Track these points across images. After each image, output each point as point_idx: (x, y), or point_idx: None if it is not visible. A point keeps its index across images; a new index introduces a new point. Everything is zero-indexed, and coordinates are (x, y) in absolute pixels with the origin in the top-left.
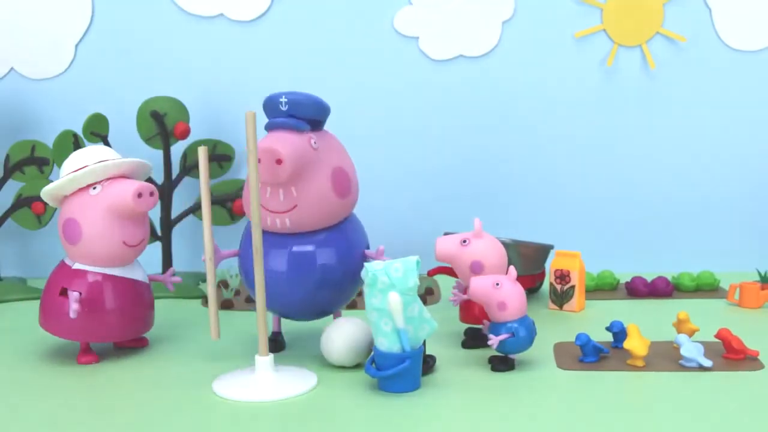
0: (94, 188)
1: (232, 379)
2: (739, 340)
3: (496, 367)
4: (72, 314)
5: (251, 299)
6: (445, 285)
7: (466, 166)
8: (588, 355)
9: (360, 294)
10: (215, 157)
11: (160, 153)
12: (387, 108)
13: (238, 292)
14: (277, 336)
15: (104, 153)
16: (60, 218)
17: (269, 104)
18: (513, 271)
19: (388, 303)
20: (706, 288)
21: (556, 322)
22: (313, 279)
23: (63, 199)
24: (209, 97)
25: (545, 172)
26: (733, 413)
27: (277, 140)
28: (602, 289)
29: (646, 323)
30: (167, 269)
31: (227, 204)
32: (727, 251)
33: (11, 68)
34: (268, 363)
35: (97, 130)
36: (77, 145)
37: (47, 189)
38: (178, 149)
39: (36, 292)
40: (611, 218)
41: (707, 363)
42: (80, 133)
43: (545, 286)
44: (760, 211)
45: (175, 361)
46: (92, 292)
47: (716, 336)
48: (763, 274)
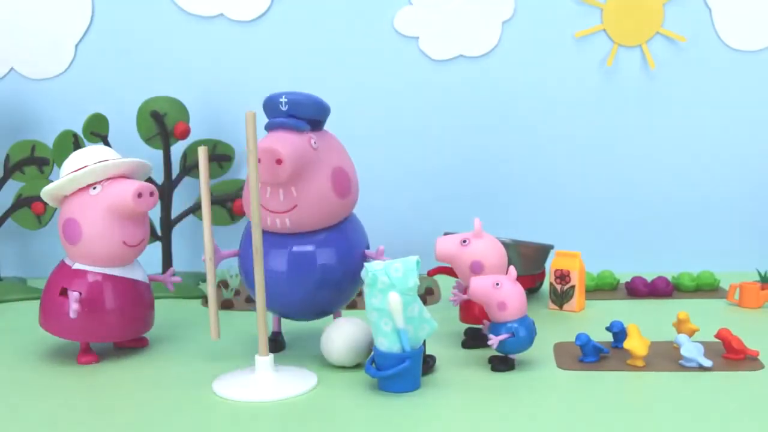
0: (94, 188)
1: (232, 379)
2: (739, 340)
3: (496, 367)
4: (72, 314)
5: (251, 299)
6: (445, 285)
7: (466, 166)
8: (588, 355)
9: (360, 294)
10: (215, 157)
11: (160, 153)
12: (387, 108)
13: (238, 292)
14: (277, 336)
15: (104, 153)
16: (60, 218)
17: (269, 104)
18: (513, 271)
19: (388, 303)
20: (706, 288)
21: (556, 322)
22: (313, 279)
23: (63, 199)
24: (209, 97)
25: (545, 172)
26: (733, 413)
27: (277, 140)
28: (602, 289)
29: (646, 323)
30: (167, 269)
31: (227, 204)
32: (727, 251)
33: (11, 68)
34: (268, 363)
35: (97, 130)
36: (77, 145)
37: (47, 189)
38: (178, 149)
39: (36, 292)
40: (611, 218)
41: (707, 363)
42: (80, 133)
43: (545, 286)
44: (760, 211)
45: (175, 361)
46: (92, 292)
47: (716, 336)
48: (763, 274)
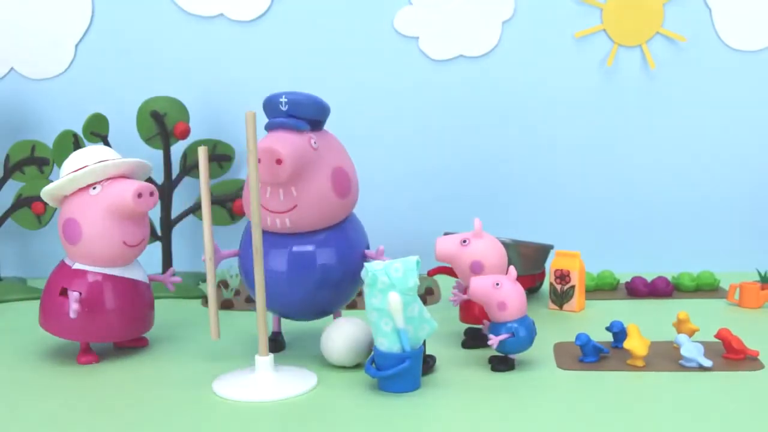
0: (94, 188)
1: (232, 379)
2: (739, 340)
3: (496, 367)
4: (72, 314)
5: (251, 299)
6: (445, 285)
7: (466, 166)
8: (588, 355)
9: (360, 294)
10: (215, 157)
11: (160, 153)
12: (387, 108)
13: (238, 292)
14: (277, 336)
15: (104, 153)
16: (60, 218)
17: (269, 104)
18: (513, 271)
19: (388, 303)
20: (706, 288)
21: (556, 322)
22: (313, 279)
23: (63, 199)
24: (209, 97)
25: (545, 172)
26: (733, 413)
27: (277, 140)
28: (602, 289)
29: (646, 323)
30: (167, 269)
31: (227, 204)
32: (727, 251)
33: (11, 68)
34: (268, 363)
35: (97, 130)
36: (77, 145)
37: (47, 189)
38: (178, 149)
39: (36, 292)
40: (611, 218)
41: (707, 363)
42: (80, 133)
43: (545, 286)
44: (760, 211)
45: (175, 361)
46: (92, 292)
47: (716, 336)
48: (763, 274)
